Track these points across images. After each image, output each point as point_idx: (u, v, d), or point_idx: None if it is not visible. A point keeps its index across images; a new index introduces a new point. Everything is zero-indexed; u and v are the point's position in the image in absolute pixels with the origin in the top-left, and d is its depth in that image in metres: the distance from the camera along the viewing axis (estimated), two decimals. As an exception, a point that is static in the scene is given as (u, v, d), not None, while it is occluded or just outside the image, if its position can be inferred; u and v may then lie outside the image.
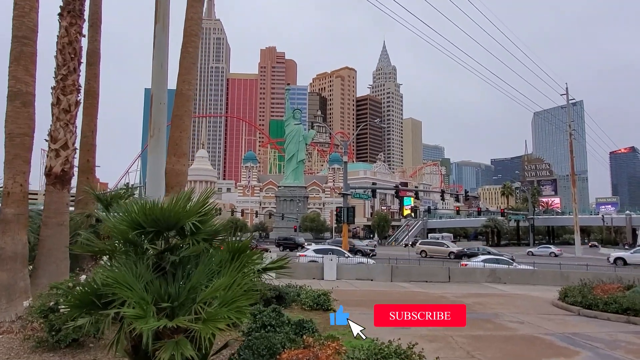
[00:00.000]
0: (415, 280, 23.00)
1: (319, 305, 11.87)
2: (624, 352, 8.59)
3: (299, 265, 25.57)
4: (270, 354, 5.32)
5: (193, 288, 4.57)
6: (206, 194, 5.27)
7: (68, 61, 8.85)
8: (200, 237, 4.98)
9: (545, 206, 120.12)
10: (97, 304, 4.56)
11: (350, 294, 16.82)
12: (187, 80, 9.76)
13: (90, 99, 11.62)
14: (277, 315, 6.75)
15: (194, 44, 9.99)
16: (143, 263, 4.73)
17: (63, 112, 8.56)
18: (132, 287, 4.33)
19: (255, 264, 5.12)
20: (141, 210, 4.73)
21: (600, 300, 12.66)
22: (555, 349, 8.83)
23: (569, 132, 55.35)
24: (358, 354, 6.26)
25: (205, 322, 4.27)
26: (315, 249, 31.98)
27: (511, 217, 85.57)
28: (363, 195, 48.28)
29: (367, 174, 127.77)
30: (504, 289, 20.52)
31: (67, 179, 8.54)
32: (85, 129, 11.43)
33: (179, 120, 9.72)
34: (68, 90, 8.74)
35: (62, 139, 8.48)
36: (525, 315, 12.78)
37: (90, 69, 11.70)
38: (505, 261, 29.22)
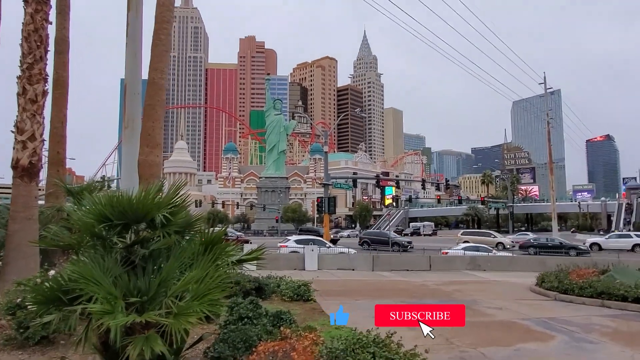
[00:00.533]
0: (396, 269, 23.18)
1: (299, 296, 11.83)
2: (598, 335, 8.77)
3: (280, 256, 25.54)
4: (246, 347, 5.24)
5: (164, 282, 4.43)
6: (177, 185, 5.10)
7: (34, 49, 8.48)
8: (171, 229, 4.82)
9: (524, 194, 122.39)
10: (63, 300, 4.39)
11: (331, 284, 16.83)
12: (159, 68, 9.47)
13: (59, 89, 11.20)
14: (254, 307, 6.65)
15: (166, 31, 9.69)
16: (111, 257, 4.57)
17: (29, 102, 8.22)
18: (99, 282, 4.17)
19: (229, 256, 5.00)
20: (108, 202, 4.55)
21: (576, 285, 12.92)
22: (531, 333, 8.97)
23: (547, 121, 56.21)
24: (336, 344, 6.21)
25: (177, 317, 4.14)
26: (297, 240, 31.95)
27: (491, 205, 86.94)
28: (344, 185, 48.31)
29: (348, 163, 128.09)
30: (483, 276, 20.84)
31: (35, 172, 8.23)
32: (54, 119, 11.04)
33: (151, 109, 9.45)
34: (34, 80, 8.39)
35: (29, 130, 8.16)
36: (503, 301, 12.97)
37: (59, 57, 11.27)
38: (485, 248, 29.69)
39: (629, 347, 7.89)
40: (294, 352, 4.87)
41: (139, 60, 10.60)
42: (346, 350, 5.85)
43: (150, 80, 9.68)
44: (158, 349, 4.01)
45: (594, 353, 7.53)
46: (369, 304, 12.17)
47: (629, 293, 11.42)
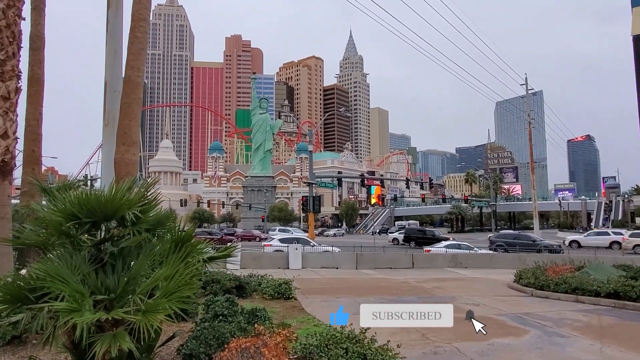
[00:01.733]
0: (380, 267, 23.33)
1: (280, 294, 11.86)
2: (570, 329, 8.97)
3: (264, 255, 25.52)
4: (219, 344, 5.25)
5: (133, 279, 4.42)
6: (149, 183, 5.10)
7: (6, 45, 8.33)
8: (142, 227, 4.81)
9: (506, 193, 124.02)
10: (30, 299, 4.36)
11: (313, 282, 16.89)
12: (135, 66, 9.41)
13: (34, 87, 11.04)
14: (230, 305, 6.66)
15: (143, 28, 9.62)
16: (80, 255, 4.55)
17: (1, 100, 8.07)
18: (66, 280, 4.15)
19: (200, 254, 5.01)
20: (76, 200, 4.53)
21: (552, 281, 13.19)
22: (506, 328, 9.14)
23: (529, 121, 57.04)
24: (311, 340, 6.27)
25: (145, 314, 4.14)
26: (281, 238, 31.92)
27: (474, 204, 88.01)
28: (329, 185, 48.38)
29: (334, 163, 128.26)
30: (464, 273, 21.09)
31: (8, 170, 8.08)
32: (29, 117, 10.88)
33: (127, 108, 9.37)
34: (7, 77, 8.23)
35: (2, 127, 8.00)
36: (481, 297, 13.17)
37: (34, 54, 11.11)
38: (466, 246, 30.06)
39: (598, 340, 8.10)
40: (265, 348, 4.91)
41: (119, 58, 10.51)
42: (320, 346, 5.91)
43: (126, 79, 9.61)
44: (126, 346, 4.01)
45: (564, 347, 7.71)
46: (349, 301, 12.27)
47: (601, 289, 11.71)
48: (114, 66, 10.03)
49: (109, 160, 10.05)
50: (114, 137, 9.93)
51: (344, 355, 5.46)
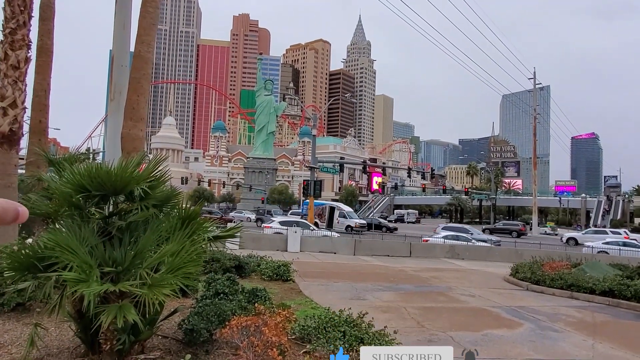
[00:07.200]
0: (377, 255, 23.48)
1: (279, 276, 12.00)
2: (563, 324, 9.10)
3: (263, 236, 25.67)
4: (220, 321, 5.35)
5: (140, 253, 4.50)
6: (157, 159, 5.14)
7: (17, 14, 8.30)
8: (150, 202, 4.87)
9: (507, 187, 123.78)
10: (38, 268, 4.44)
11: (311, 265, 17.04)
12: (146, 41, 9.36)
13: (43, 57, 11.01)
14: (231, 284, 6.76)
15: (154, 3, 9.54)
16: (88, 227, 4.61)
17: (11, 69, 8.07)
18: (75, 251, 4.23)
19: (206, 232, 5.08)
20: (87, 173, 4.58)
21: (548, 277, 13.32)
22: (500, 320, 9.27)
23: (534, 116, 56.77)
24: (309, 322, 6.39)
25: (151, 288, 4.23)
26: (281, 221, 32.07)
27: (474, 197, 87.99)
28: (331, 170, 48.39)
29: (336, 148, 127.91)
30: (461, 265, 21.24)
31: (15, 139, 8.13)
32: (37, 88, 10.87)
33: (136, 83, 9.36)
34: (17, 46, 8.22)
35: (10, 96, 8.03)
36: (477, 289, 13.31)
37: (43, 24, 11.05)
38: (465, 238, 30.17)
39: (591, 336, 8.23)
40: (266, 327, 5.00)
41: (127, 32, 10.43)
42: (318, 328, 6.03)
43: (136, 53, 9.57)
44: (131, 317, 4.10)
45: (557, 341, 7.83)
46: (346, 286, 12.42)
47: (596, 286, 11.83)
48: (122, 40, 9.95)
49: (115, 135, 10.06)
50: (120, 112, 9.92)
51: (341, 338, 5.57)
